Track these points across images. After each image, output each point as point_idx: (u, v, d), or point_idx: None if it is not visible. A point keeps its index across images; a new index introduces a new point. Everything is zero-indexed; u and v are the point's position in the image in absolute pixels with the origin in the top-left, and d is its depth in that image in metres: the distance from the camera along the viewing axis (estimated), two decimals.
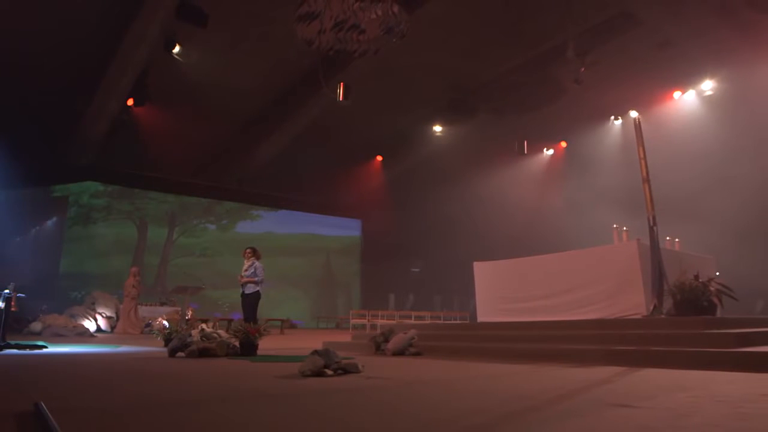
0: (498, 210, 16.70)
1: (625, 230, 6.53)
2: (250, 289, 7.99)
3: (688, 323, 4.58)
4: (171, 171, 17.04)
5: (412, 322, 13.12)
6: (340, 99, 9.75)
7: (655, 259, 5.35)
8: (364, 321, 14.96)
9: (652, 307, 5.21)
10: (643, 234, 6.19)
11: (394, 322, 13.61)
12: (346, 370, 3.68)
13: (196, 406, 2.40)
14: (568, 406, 2.32)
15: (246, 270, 8.11)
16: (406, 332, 6.27)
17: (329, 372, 3.55)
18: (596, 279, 6.42)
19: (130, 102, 14.20)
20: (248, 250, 8.28)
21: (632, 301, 5.95)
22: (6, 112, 13.75)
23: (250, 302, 7.99)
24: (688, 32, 12.22)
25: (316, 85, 14.43)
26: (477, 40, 13.16)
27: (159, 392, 2.91)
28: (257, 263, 8.09)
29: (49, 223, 16.75)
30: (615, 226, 6.57)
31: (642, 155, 5.51)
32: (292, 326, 16.73)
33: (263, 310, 8.30)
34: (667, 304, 5.19)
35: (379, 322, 14.42)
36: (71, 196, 16.68)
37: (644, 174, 5.51)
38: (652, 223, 5.40)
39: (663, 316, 5.10)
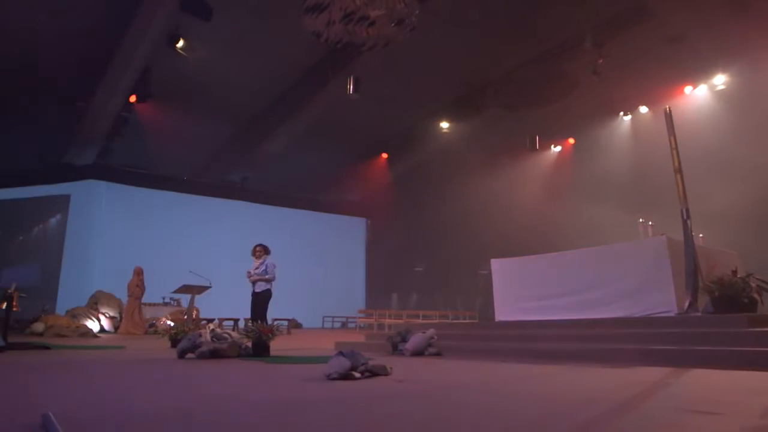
0: (504, 208, 16.45)
1: (651, 225, 6.28)
2: (261, 287, 7.74)
3: (730, 321, 4.34)
4: (174, 169, 16.80)
5: (421, 321, 12.89)
6: (351, 92, 9.49)
7: (689, 254, 5.09)
8: (372, 320, 14.74)
9: (687, 305, 4.96)
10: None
11: (401, 321, 13.38)
12: (373, 372, 3.44)
13: (227, 416, 2.15)
14: (640, 413, 2.08)
15: (257, 268, 7.86)
16: (425, 332, 6.03)
17: (356, 374, 3.30)
18: (621, 276, 6.17)
19: (132, 99, 13.95)
20: (258, 248, 8.01)
21: (660, 299, 5.70)
22: (7, 111, 13.52)
23: (261, 301, 7.75)
24: (700, 24, 11.95)
25: (321, 82, 14.21)
26: (485, 35, 12.90)
27: (179, 400, 2.66)
28: (269, 261, 7.83)
29: (52, 221, 16.50)
30: (641, 220, 6.32)
31: (674, 145, 5.26)
32: (297, 326, 16.51)
33: (268, 310, 8.03)
34: (702, 301, 4.94)
35: (387, 321, 14.19)
36: (73, 194, 16.42)
37: (676, 165, 5.26)
38: (685, 216, 5.14)
39: (699, 314, 4.85)
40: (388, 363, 3.91)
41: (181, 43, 11.80)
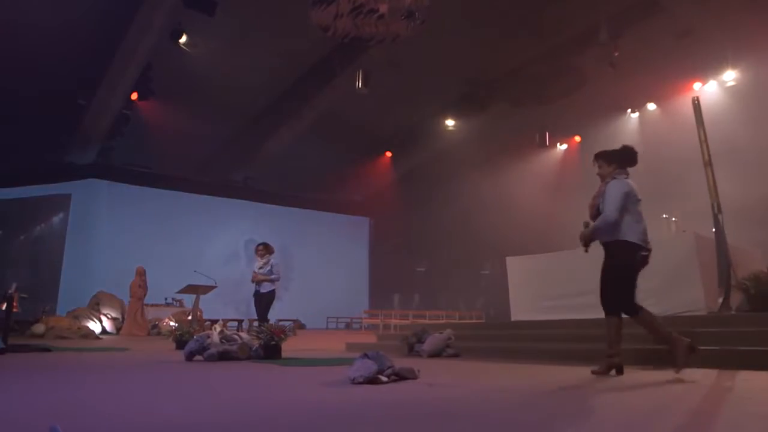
0: (508, 207, 16.21)
1: (675, 221, 6.04)
2: (266, 287, 7.53)
3: None
4: (176, 167, 16.56)
5: (427, 321, 12.67)
6: (360, 87, 9.28)
7: (721, 250, 4.87)
8: (377, 321, 14.52)
9: (720, 303, 4.74)
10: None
11: (407, 321, 13.16)
12: (400, 375, 3.21)
13: (255, 427, 1.91)
14: (726, 421, 1.84)
15: (261, 268, 7.64)
16: (441, 332, 5.83)
17: (383, 378, 3.08)
18: (646, 273, 5.92)
19: (134, 96, 13.73)
20: (260, 247, 7.81)
21: (688, 297, 5.45)
22: (7, 109, 13.28)
23: (265, 301, 7.54)
24: (709, 19, 11.73)
25: (325, 79, 13.99)
26: (491, 31, 12.68)
27: (196, 410, 2.42)
28: (273, 260, 7.62)
29: (53, 221, 16.27)
30: (665, 216, 6.08)
31: (703, 138, 5.04)
32: (301, 327, 16.28)
33: (271, 311, 7.81)
34: (736, 299, 4.72)
35: (393, 322, 13.97)
36: (74, 194, 16.18)
37: (706, 158, 5.04)
38: (716, 210, 4.92)
39: (733, 313, 4.63)
40: (412, 365, 3.68)
41: (183, 39, 11.57)
